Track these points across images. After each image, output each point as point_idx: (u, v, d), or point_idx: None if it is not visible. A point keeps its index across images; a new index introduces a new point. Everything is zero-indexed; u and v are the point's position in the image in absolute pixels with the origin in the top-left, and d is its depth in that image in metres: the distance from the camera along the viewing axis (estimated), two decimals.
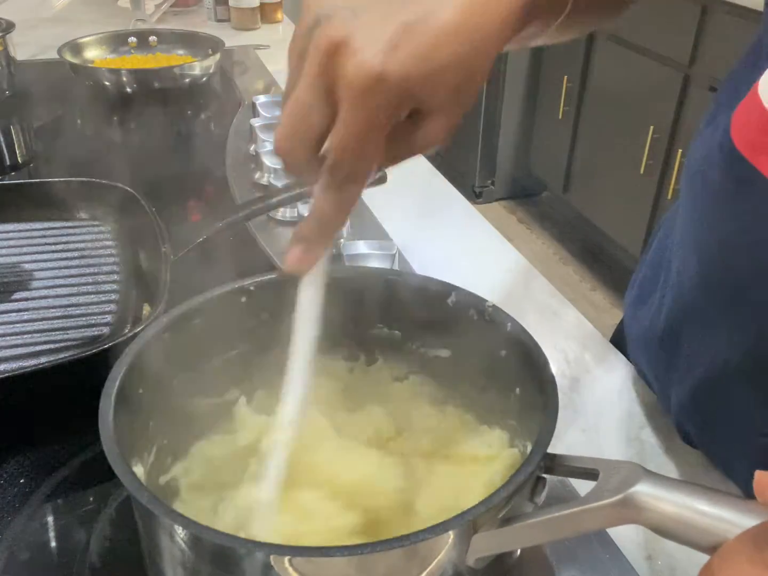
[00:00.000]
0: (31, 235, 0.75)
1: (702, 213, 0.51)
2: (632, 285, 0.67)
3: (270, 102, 1.03)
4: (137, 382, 0.41)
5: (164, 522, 0.34)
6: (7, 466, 0.52)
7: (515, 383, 0.44)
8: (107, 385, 0.39)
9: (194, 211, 0.86)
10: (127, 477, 0.34)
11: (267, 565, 0.32)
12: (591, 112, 2.51)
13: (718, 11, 1.91)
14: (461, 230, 0.85)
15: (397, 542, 0.31)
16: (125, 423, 0.38)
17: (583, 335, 0.69)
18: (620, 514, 0.31)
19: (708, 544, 0.28)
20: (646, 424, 0.59)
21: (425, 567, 0.34)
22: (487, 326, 0.45)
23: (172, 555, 0.36)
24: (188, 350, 0.45)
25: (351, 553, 0.31)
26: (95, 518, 0.48)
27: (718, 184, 0.48)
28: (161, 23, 1.63)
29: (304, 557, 0.32)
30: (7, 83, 1.18)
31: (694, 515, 0.29)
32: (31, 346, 0.59)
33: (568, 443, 0.56)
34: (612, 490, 0.31)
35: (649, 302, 0.60)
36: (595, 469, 0.33)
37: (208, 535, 0.32)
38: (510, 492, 0.33)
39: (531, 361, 0.41)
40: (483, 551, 0.34)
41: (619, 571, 0.45)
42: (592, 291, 2.53)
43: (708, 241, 0.50)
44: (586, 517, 0.31)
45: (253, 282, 0.47)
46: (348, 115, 0.33)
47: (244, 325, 0.48)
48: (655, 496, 0.30)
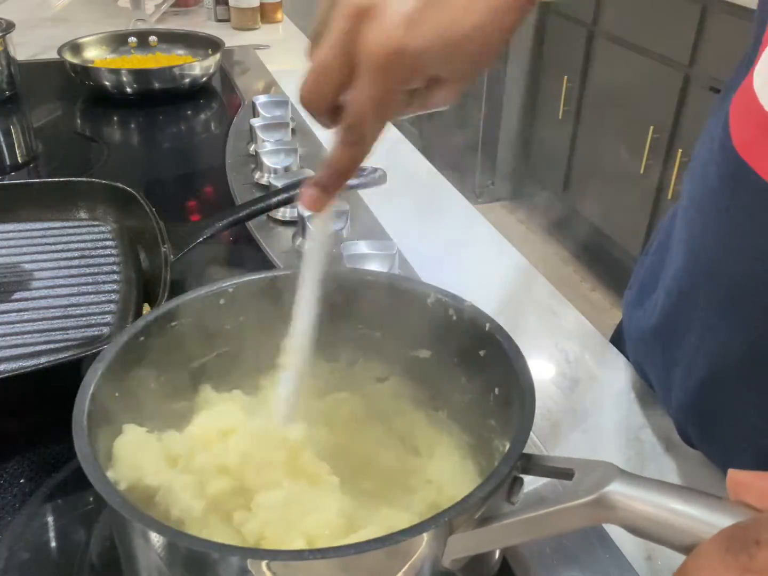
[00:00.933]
0: (31, 235, 0.74)
1: (700, 211, 0.51)
2: (631, 285, 0.67)
3: (270, 102, 1.03)
4: (112, 386, 0.41)
5: (138, 528, 0.34)
6: (7, 466, 0.52)
7: (494, 383, 0.44)
8: (81, 390, 0.39)
9: (194, 211, 0.86)
10: (100, 484, 0.34)
11: (243, 570, 0.32)
12: (591, 112, 2.51)
13: (718, 11, 1.91)
14: (461, 230, 0.85)
15: (372, 545, 0.31)
16: (100, 426, 0.38)
17: (583, 335, 0.69)
18: (594, 514, 0.31)
19: (683, 544, 0.28)
20: (646, 424, 0.59)
21: (401, 568, 0.33)
22: (465, 326, 0.45)
23: (147, 561, 0.36)
24: (166, 353, 0.45)
25: (325, 556, 0.31)
26: (95, 518, 0.48)
27: (716, 182, 0.48)
28: (161, 23, 1.63)
29: (280, 561, 0.32)
30: (7, 83, 1.18)
31: (669, 515, 0.29)
32: (31, 346, 0.59)
33: (568, 443, 0.56)
34: (586, 489, 0.31)
35: (649, 302, 0.60)
36: (571, 469, 0.34)
37: (183, 540, 0.32)
38: (486, 493, 0.33)
39: (509, 362, 0.42)
40: (459, 552, 0.34)
41: (619, 571, 0.45)
42: (592, 291, 2.53)
43: (706, 239, 0.50)
44: (560, 517, 0.31)
45: (232, 284, 0.47)
46: (365, 82, 0.35)
47: (223, 327, 0.48)
48: (629, 495, 0.30)
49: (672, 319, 0.55)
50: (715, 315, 0.50)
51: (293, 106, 1.06)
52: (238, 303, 0.48)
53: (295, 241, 0.77)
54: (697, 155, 0.53)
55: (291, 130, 0.98)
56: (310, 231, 0.42)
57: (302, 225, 0.76)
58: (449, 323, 0.46)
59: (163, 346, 0.45)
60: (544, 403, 0.60)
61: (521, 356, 0.41)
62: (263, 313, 0.48)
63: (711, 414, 0.53)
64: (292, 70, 1.35)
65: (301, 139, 1.02)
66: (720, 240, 0.48)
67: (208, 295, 0.47)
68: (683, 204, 0.55)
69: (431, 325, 0.47)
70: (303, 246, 0.76)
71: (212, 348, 0.48)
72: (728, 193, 0.47)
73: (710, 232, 0.50)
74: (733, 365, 0.49)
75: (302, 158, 0.93)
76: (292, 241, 0.78)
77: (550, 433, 0.57)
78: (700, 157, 0.51)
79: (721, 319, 0.49)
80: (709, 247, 0.50)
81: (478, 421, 0.46)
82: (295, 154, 0.92)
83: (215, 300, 0.47)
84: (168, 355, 0.45)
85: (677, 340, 0.54)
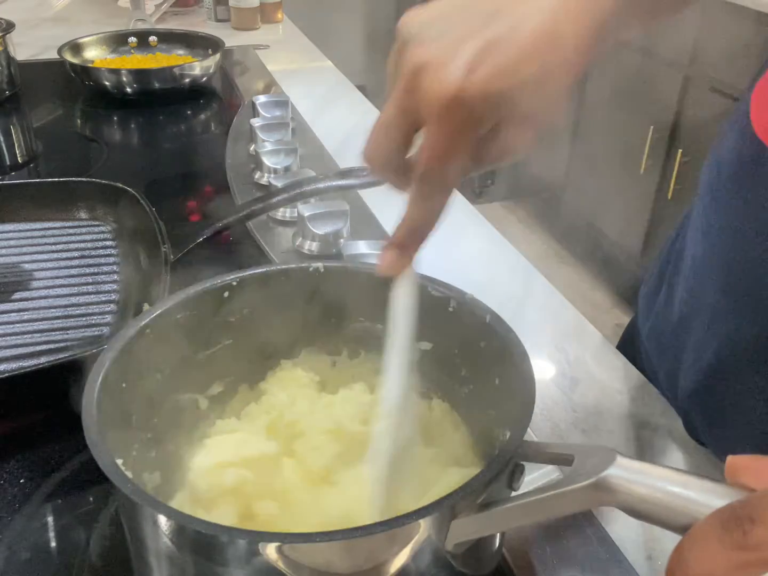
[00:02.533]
0: (31, 235, 0.75)
1: (717, 198, 0.51)
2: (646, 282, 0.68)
3: (270, 102, 1.03)
4: (120, 376, 0.41)
5: (149, 513, 0.34)
6: (7, 466, 0.52)
7: (495, 374, 0.44)
8: (90, 378, 0.39)
9: (194, 211, 0.86)
10: (110, 469, 0.34)
11: (253, 553, 0.32)
12: (591, 112, 2.51)
13: (718, 11, 1.91)
14: (461, 230, 0.85)
15: (376, 528, 0.32)
16: (108, 416, 0.38)
17: (583, 335, 0.69)
18: (594, 497, 0.31)
19: (680, 525, 0.28)
20: (646, 424, 0.59)
21: (405, 552, 0.34)
22: (466, 318, 0.46)
23: (157, 547, 0.36)
24: (171, 345, 0.46)
25: (331, 539, 0.32)
26: (95, 518, 0.48)
27: (735, 167, 0.48)
28: (161, 23, 1.63)
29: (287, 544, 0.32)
30: (7, 83, 1.18)
31: (667, 497, 0.29)
32: (31, 346, 0.59)
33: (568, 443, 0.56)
34: (585, 474, 0.31)
35: (664, 291, 0.61)
36: (570, 454, 0.34)
37: (194, 524, 0.32)
38: (487, 478, 0.34)
39: (509, 352, 0.42)
40: (462, 536, 0.35)
41: (619, 571, 0.45)
42: (592, 291, 2.53)
43: (722, 225, 0.50)
44: (561, 501, 0.32)
45: (236, 277, 0.48)
46: (432, 130, 0.35)
47: (227, 320, 0.48)
48: (628, 478, 0.30)
49: (685, 304, 0.56)
50: (726, 301, 0.50)
51: (293, 106, 1.05)
52: (242, 296, 0.48)
53: (295, 241, 0.77)
54: (718, 146, 0.53)
55: (291, 130, 0.98)
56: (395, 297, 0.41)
57: (302, 225, 0.76)
58: (450, 314, 0.47)
59: (170, 338, 0.45)
60: (544, 403, 0.60)
61: (521, 346, 0.42)
62: (267, 306, 0.48)
63: (717, 400, 0.53)
64: (292, 70, 1.35)
65: (301, 139, 1.02)
66: (733, 225, 0.49)
67: (213, 287, 0.47)
68: (700, 193, 0.55)
69: (432, 318, 0.47)
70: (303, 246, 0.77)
71: (218, 340, 0.49)
72: (747, 177, 0.47)
73: (725, 217, 0.50)
74: (741, 351, 0.49)
75: (302, 158, 0.93)
76: (292, 241, 0.78)
77: (551, 433, 0.57)
78: (721, 146, 0.52)
79: (732, 304, 0.50)
80: (722, 233, 0.50)
81: (479, 411, 0.46)
82: (295, 154, 0.92)
83: (219, 293, 0.48)
84: (174, 346, 0.46)
85: (688, 327, 0.55)
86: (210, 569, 0.35)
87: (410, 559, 0.35)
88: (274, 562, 0.32)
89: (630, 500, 0.30)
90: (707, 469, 0.54)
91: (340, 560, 0.34)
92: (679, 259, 0.60)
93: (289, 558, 0.33)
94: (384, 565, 0.35)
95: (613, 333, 0.77)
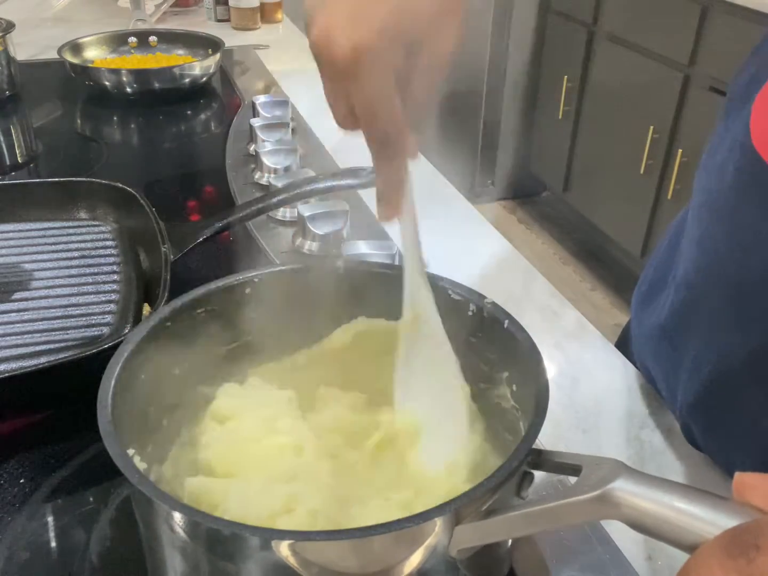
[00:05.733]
0: (31, 235, 0.74)
1: (713, 209, 0.51)
2: (640, 285, 0.67)
3: (270, 102, 1.03)
4: (137, 369, 0.41)
5: (162, 509, 0.35)
6: (7, 466, 0.52)
7: (510, 381, 0.45)
8: (108, 370, 0.40)
9: (194, 211, 0.86)
10: (123, 462, 0.34)
11: (266, 549, 0.33)
12: (591, 112, 2.51)
13: (718, 11, 1.91)
14: (461, 230, 0.85)
15: (378, 529, 0.32)
16: (123, 410, 0.39)
17: (583, 335, 0.69)
18: (598, 510, 0.31)
19: (687, 543, 0.28)
20: (646, 424, 0.59)
21: (408, 554, 0.34)
22: (484, 323, 0.46)
23: (171, 543, 0.36)
24: (191, 339, 0.46)
25: (330, 538, 0.32)
26: (95, 518, 0.48)
27: (732, 180, 0.48)
28: (161, 23, 1.63)
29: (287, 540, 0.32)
30: (7, 83, 1.18)
31: (672, 513, 0.29)
32: (31, 346, 0.59)
33: (569, 443, 0.56)
34: (592, 485, 0.31)
35: (658, 300, 0.60)
36: (579, 465, 0.34)
37: (208, 521, 0.32)
38: (493, 485, 0.34)
39: (525, 361, 0.42)
40: (465, 542, 0.35)
41: (619, 571, 0.45)
42: (592, 291, 2.53)
43: (717, 237, 0.50)
44: (565, 511, 0.32)
45: (258, 274, 0.49)
46: (352, 90, 0.37)
47: (247, 316, 0.49)
48: (634, 492, 0.30)
49: (681, 317, 0.55)
50: (724, 313, 0.50)
51: (293, 106, 1.05)
52: (263, 292, 0.49)
53: (295, 241, 0.77)
54: (712, 153, 0.53)
55: (291, 130, 0.98)
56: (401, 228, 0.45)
57: (302, 225, 0.76)
58: (467, 319, 0.47)
59: (188, 333, 0.46)
60: None
61: (539, 356, 0.41)
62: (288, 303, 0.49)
63: (717, 413, 0.53)
64: (292, 70, 1.35)
65: (301, 139, 1.02)
66: (731, 238, 0.48)
67: (234, 284, 0.48)
68: (694, 203, 0.55)
69: (451, 321, 0.47)
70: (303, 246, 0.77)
71: (237, 336, 0.49)
72: (743, 190, 0.47)
73: (722, 230, 0.50)
74: (740, 364, 0.49)
75: (302, 158, 0.93)
76: (292, 241, 0.78)
77: (551, 433, 0.57)
78: (717, 155, 0.51)
79: (730, 317, 0.49)
80: (719, 245, 0.50)
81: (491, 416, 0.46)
82: (295, 154, 0.92)
83: (241, 289, 0.48)
84: (192, 341, 0.46)
85: (685, 338, 0.54)
86: (220, 564, 0.35)
87: (413, 562, 0.35)
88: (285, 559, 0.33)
89: (635, 515, 0.30)
90: (706, 470, 0.54)
91: (341, 560, 0.34)
92: (669, 269, 0.60)
93: (299, 555, 0.33)
94: (388, 567, 0.35)
95: (613, 333, 0.77)
